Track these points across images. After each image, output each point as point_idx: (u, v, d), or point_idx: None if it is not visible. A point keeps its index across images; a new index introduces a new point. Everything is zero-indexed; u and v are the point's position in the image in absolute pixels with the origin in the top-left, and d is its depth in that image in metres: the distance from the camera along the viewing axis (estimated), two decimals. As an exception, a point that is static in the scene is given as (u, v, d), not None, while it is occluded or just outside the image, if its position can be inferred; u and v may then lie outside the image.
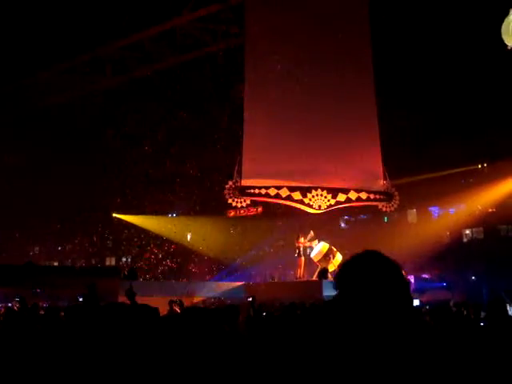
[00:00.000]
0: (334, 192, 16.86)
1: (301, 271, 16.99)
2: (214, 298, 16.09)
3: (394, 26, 18.62)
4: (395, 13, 18.20)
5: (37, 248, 33.41)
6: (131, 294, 5.73)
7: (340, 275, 2.05)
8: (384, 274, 1.97)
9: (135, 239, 28.25)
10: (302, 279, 16.75)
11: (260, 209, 24.38)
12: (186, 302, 13.97)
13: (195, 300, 15.61)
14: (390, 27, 18.59)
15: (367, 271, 1.98)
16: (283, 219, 23.06)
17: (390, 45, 18.91)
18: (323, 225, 20.62)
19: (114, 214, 27.40)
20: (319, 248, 16.88)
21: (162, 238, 27.19)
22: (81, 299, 9.05)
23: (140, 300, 6.64)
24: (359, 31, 17.66)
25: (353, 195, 17.06)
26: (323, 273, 15.92)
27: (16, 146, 24.82)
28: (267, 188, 16.55)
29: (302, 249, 16.92)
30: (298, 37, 17.04)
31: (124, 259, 31.04)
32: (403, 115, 21.12)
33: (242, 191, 16.43)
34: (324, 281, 15.40)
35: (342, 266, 2.07)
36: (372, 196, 17.41)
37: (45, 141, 24.49)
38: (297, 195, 16.61)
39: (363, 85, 17.59)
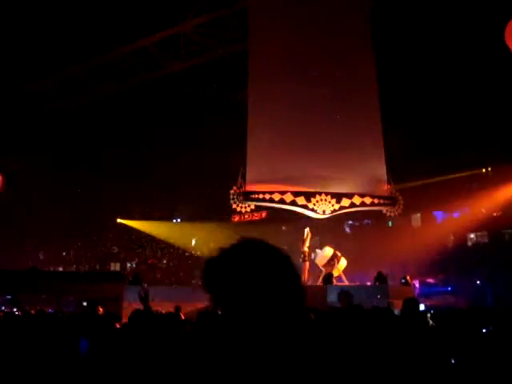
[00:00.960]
0: (338, 197, 16.84)
1: (305, 276, 16.96)
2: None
3: (398, 33, 18.66)
4: (398, 19, 18.25)
5: (41, 253, 33.49)
6: (145, 299, 5.65)
7: (208, 274, 1.53)
8: (266, 269, 1.48)
9: (140, 244, 28.34)
10: (307, 284, 16.71)
11: (264, 214, 24.38)
12: (190, 308, 13.99)
13: (198, 305, 15.58)
14: (394, 34, 18.62)
15: (243, 266, 1.48)
16: (287, 224, 23.08)
17: (393, 51, 18.95)
18: (327, 230, 20.61)
19: (119, 220, 27.47)
20: (324, 253, 16.86)
21: (166, 243, 27.26)
22: (85, 303, 9.11)
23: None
24: (363, 39, 17.66)
25: (357, 200, 17.03)
26: (328, 278, 15.89)
27: (21, 152, 24.92)
28: (271, 193, 16.55)
29: (306, 254, 16.90)
30: (301, 43, 17.08)
31: (129, 264, 31.10)
32: (407, 120, 21.13)
33: (247, 196, 16.44)
34: (329, 286, 15.38)
35: (209, 262, 1.53)
36: (376, 201, 17.37)
37: (50, 146, 24.58)
38: (301, 200, 16.60)
39: (367, 90, 17.59)
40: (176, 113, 23.15)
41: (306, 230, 17.08)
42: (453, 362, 4.70)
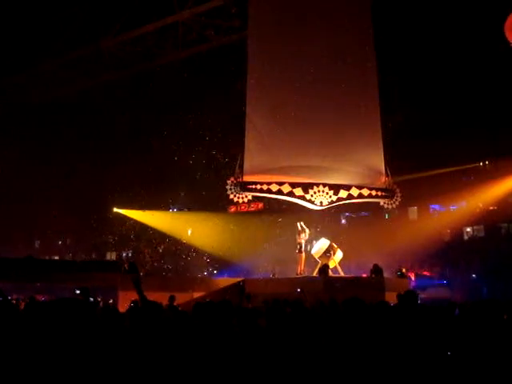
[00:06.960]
0: (335, 188, 16.79)
1: (301, 267, 16.95)
2: (214, 294, 16.02)
3: (398, 22, 18.57)
4: (399, 8, 18.18)
5: (37, 242, 33.42)
6: (138, 285, 5.39)
7: None
8: None
9: (136, 234, 28.29)
10: (303, 275, 16.71)
11: (261, 205, 24.36)
12: (186, 298, 13.99)
13: (195, 295, 15.58)
14: (394, 23, 18.54)
15: None
16: (284, 215, 23.03)
17: (393, 43, 18.86)
18: (324, 221, 20.61)
19: (115, 209, 27.38)
20: (320, 245, 16.83)
21: (162, 232, 27.21)
22: (78, 292, 9.01)
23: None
24: (362, 26, 17.56)
25: (354, 192, 16.99)
26: (324, 269, 15.89)
27: (18, 140, 24.80)
28: (269, 184, 16.48)
29: (302, 245, 16.88)
30: (301, 31, 16.96)
31: (124, 254, 31.04)
32: (406, 113, 21.09)
33: (244, 187, 16.36)
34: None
35: None
36: (374, 193, 17.33)
37: (47, 135, 24.46)
38: (298, 191, 16.55)
39: (366, 82, 17.50)
40: (174, 102, 23.02)
41: (299, 224, 17.01)
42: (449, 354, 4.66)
